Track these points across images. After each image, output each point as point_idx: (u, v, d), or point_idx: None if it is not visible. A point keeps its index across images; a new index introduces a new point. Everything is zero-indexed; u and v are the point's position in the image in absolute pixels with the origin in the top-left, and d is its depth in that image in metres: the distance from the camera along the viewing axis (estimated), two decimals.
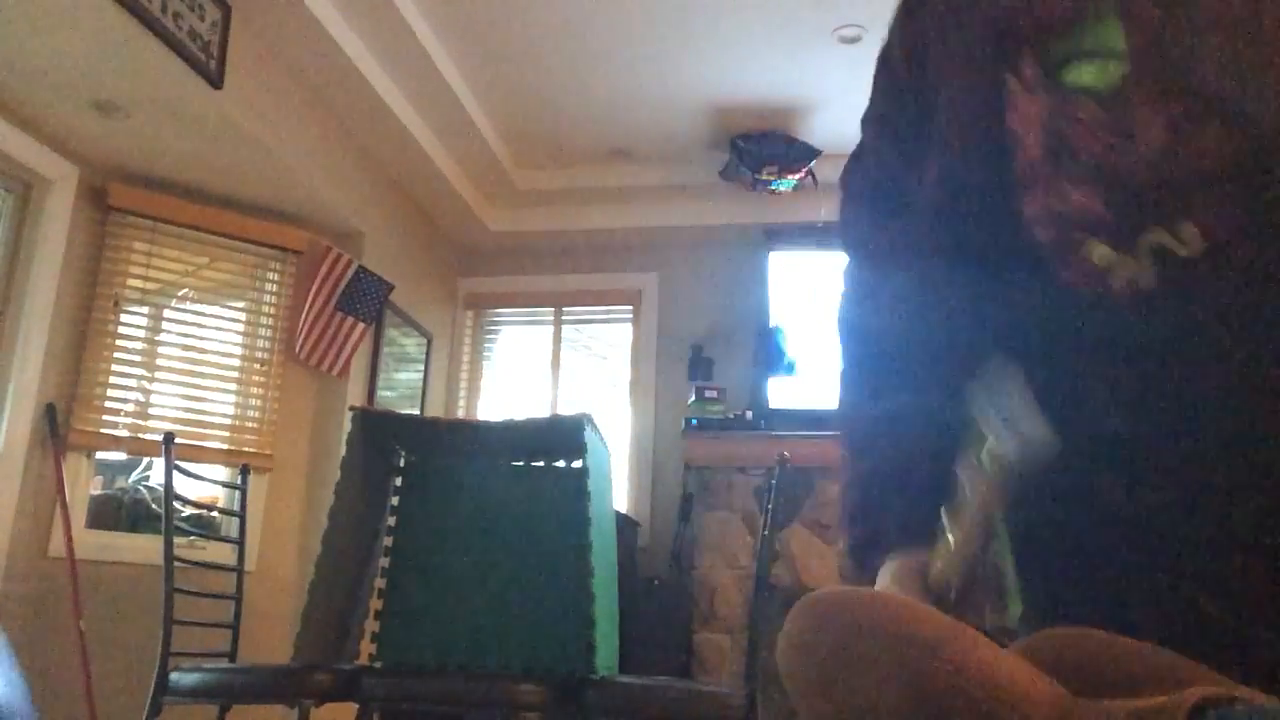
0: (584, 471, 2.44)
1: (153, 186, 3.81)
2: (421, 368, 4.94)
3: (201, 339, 3.95)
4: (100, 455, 3.73)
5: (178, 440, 3.18)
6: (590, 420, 2.55)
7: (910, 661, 0.78)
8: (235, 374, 4.00)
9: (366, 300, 4.18)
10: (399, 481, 2.80)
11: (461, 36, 3.81)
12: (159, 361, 3.86)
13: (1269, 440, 0.71)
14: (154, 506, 3.72)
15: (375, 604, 2.71)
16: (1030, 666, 0.80)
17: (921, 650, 0.77)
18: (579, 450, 2.50)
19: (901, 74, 0.98)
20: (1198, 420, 0.73)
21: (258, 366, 4.04)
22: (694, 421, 4.37)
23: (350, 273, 4.13)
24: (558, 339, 5.30)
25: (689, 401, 4.55)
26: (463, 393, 5.31)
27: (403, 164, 4.44)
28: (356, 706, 2.53)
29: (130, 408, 3.75)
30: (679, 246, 5.04)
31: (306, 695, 2.47)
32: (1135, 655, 0.75)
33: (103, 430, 3.63)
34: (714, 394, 4.49)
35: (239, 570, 3.36)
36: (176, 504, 3.11)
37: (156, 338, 3.87)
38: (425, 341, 4.95)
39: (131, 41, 2.94)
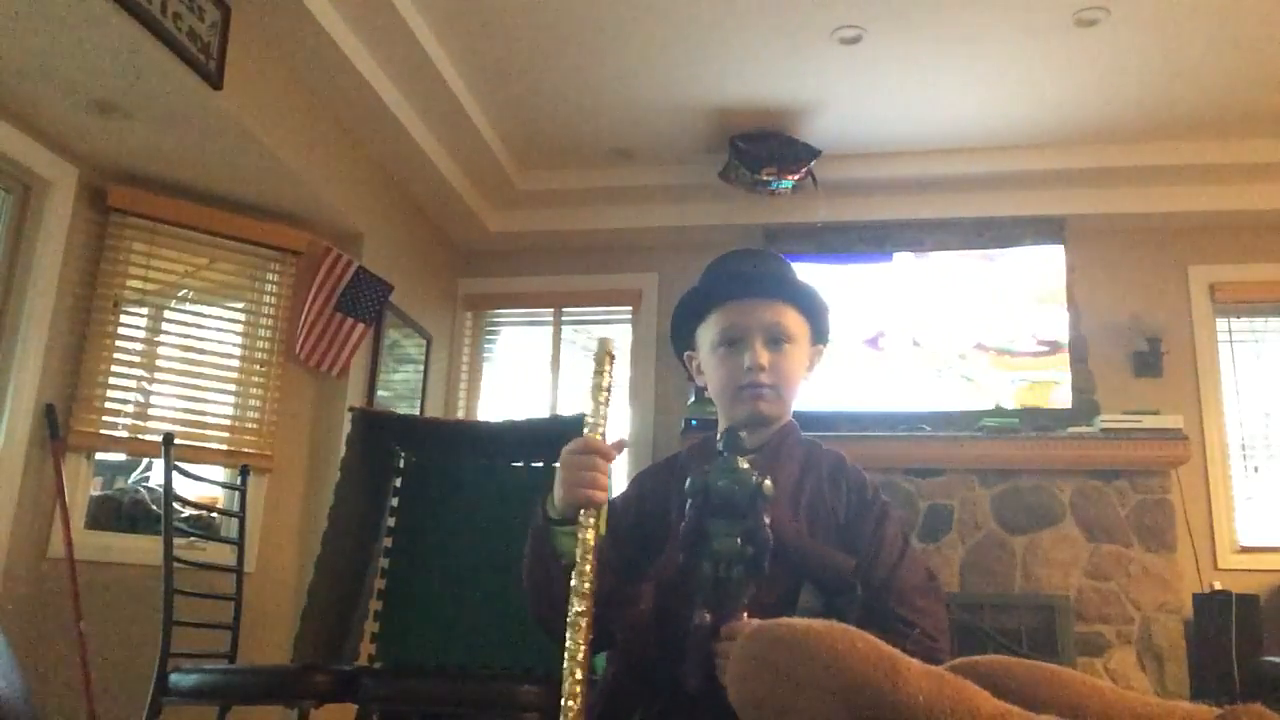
0: None
1: (152, 187, 3.81)
2: (421, 368, 4.93)
3: (201, 340, 3.95)
4: (100, 456, 3.73)
5: (177, 441, 3.19)
6: None
7: (854, 684, 0.85)
8: (235, 375, 4.00)
9: (366, 301, 4.18)
10: (399, 481, 2.80)
11: (461, 36, 3.81)
12: (159, 362, 3.85)
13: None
14: (154, 507, 3.71)
15: (375, 604, 2.72)
16: (972, 685, 0.88)
17: (863, 674, 0.89)
18: None
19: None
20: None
21: (257, 367, 4.04)
22: (694, 422, 4.37)
23: (350, 273, 4.13)
24: (558, 339, 5.30)
25: (689, 402, 4.55)
26: (462, 393, 5.31)
27: (403, 164, 4.44)
28: (356, 707, 2.53)
29: (130, 408, 3.75)
30: (679, 247, 5.05)
31: (306, 696, 2.48)
32: (1061, 679, 1.04)
33: (102, 431, 3.62)
34: None
35: (238, 571, 3.37)
36: (176, 505, 3.12)
37: (156, 338, 3.87)
38: (425, 342, 4.95)
39: (131, 42, 2.94)
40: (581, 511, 1.30)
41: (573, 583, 1.26)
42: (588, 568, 1.26)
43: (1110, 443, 4.12)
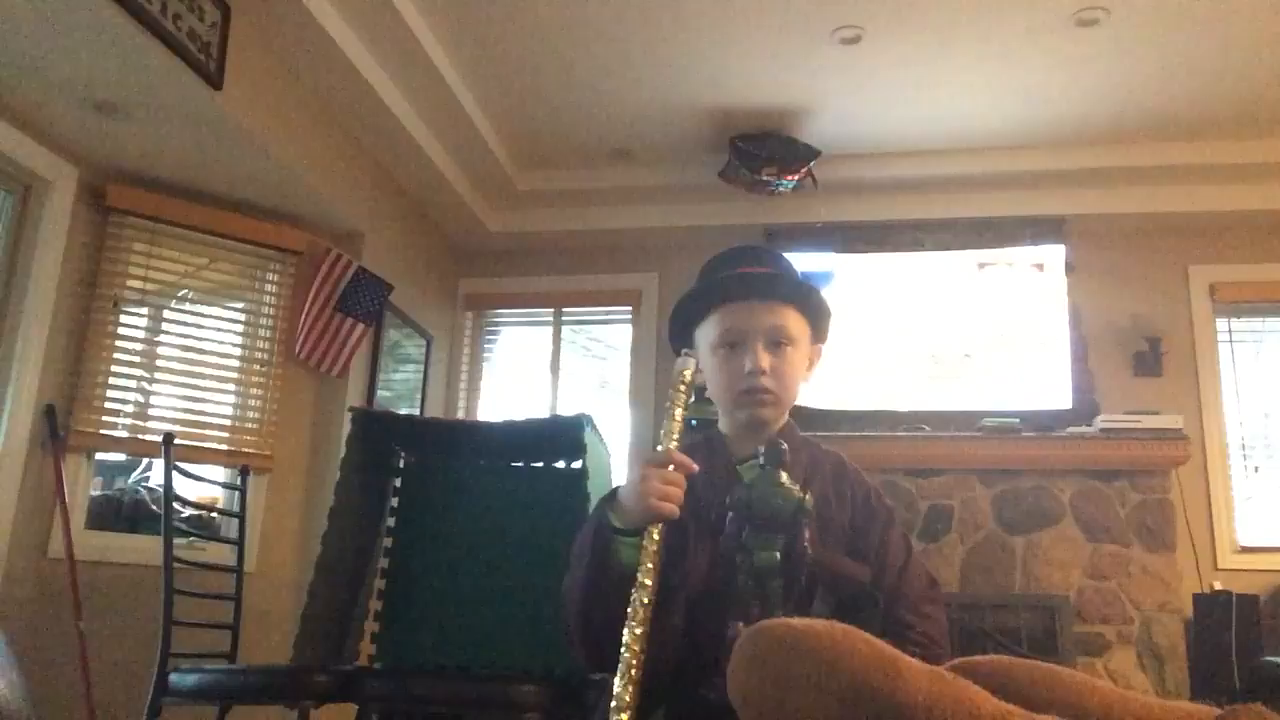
0: (584, 472, 2.44)
1: (152, 187, 3.81)
2: (421, 368, 4.93)
3: (201, 339, 3.95)
4: (100, 456, 3.73)
5: (177, 441, 3.19)
6: (590, 421, 2.54)
7: (853, 684, 0.89)
8: (235, 374, 4.00)
9: (366, 301, 4.17)
10: (399, 481, 2.80)
11: (461, 37, 3.80)
12: (158, 362, 3.85)
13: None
14: (154, 507, 3.71)
15: (375, 604, 2.71)
16: (972, 685, 0.87)
17: (863, 674, 0.89)
18: (579, 451, 2.50)
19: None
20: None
21: (257, 367, 4.04)
22: (693, 422, 4.35)
23: (350, 273, 4.13)
24: (557, 340, 5.30)
25: (689, 402, 4.55)
26: (462, 393, 5.31)
27: (403, 164, 4.44)
28: (356, 707, 2.53)
29: (130, 408, 3.75)
30: (679, 247, 5.04)
31: (306, 696, 2.47)
32: (1061, 679, 1.04)
33: (102, 431, 3.62)
34: None
35: (238, 571, 3.36)
36: (176, 505, 3.12)
37: (156, 338, 3.87)
38: (425, 342, 4.95)
39: (131, 42, 2.94)
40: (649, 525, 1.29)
41: (633, 595, 1.25)
42: (649, 580, 1.26)
43: (1110, 443, 4.12)
